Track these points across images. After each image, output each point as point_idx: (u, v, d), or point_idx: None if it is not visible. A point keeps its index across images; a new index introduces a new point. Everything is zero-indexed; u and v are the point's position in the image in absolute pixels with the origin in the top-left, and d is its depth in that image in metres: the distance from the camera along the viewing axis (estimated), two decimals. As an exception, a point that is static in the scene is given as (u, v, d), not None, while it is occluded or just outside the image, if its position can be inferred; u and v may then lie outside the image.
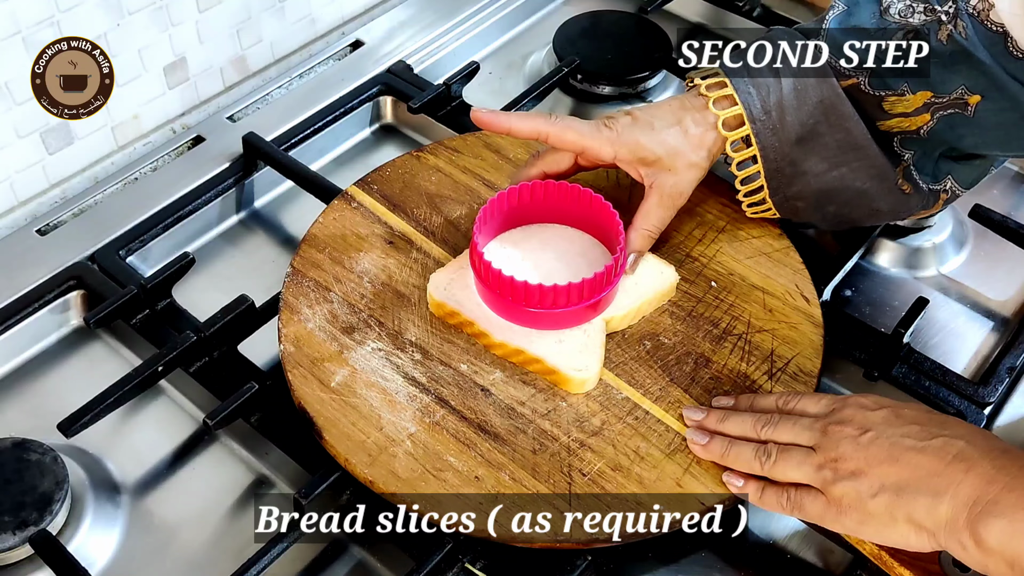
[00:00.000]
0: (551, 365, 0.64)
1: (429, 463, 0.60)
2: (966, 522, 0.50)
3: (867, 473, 0.54)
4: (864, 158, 0.67)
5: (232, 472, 0.68)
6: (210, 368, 0.71)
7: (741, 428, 0.61)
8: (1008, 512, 0.49)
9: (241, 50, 0.94)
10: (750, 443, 0.60)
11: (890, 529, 0.54)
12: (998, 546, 0.49)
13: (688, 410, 0.63)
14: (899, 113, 0.66)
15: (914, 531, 0.53)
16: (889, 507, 0.53)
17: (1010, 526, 0.49)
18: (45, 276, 0.76)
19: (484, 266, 0.65)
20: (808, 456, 0.57)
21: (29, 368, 0.74)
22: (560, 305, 0.65)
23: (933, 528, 0.52)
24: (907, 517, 0.53)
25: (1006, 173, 0.92)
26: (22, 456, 0.64)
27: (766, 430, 0.59)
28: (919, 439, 0.54)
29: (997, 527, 0.49)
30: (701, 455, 0.61)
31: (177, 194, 0.83)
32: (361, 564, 0.64)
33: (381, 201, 0.76)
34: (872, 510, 0.54)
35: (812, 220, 0.72)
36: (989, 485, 0.51)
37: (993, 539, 0.49)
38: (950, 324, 0.79)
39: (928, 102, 0.64)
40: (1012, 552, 0.49)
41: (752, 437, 0.60)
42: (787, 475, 0.57)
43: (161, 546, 0.65)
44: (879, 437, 0.55)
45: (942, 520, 0.51)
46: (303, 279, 0.70)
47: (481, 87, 0.96)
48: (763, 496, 0.59)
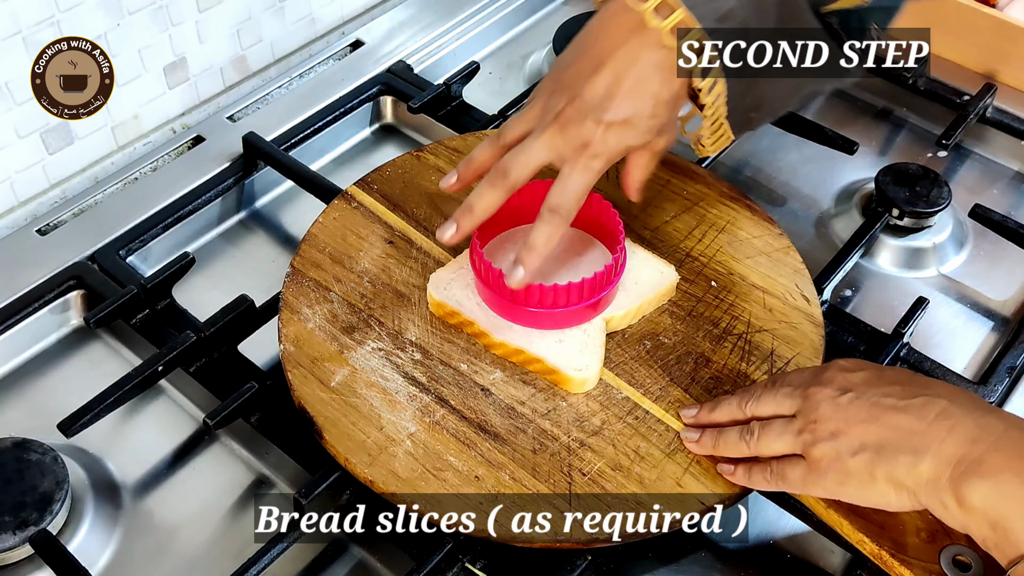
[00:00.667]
0: (551, 365, 0.64)
1: (429, 463, 0.60)
2: (949, 481, 0.50)
3: (846, 433, 0.53)
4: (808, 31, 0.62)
5: (232, 472, 0.68)
6: (210, 368, 0.71)
7: (728, 411, 0.60)
8: (993, 473, 0.49)
9: (241, 50, 0.94)
10: (736, 427, 0.59)
11: (869, 488, 0.53)
12: (982, 507, 0.49)
13: (683, 410, 0.63)
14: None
15: (894, 490, 0.52)
16: (869, 466, 0.52)
17: (995, 488, 0.48)
18: (45, 276, 0.77)
19: (484, 266, 0.65)
20: (789, 424, 0.56)
21: (29, 368, 0.74)
22: (560, 305, 0.64)
23: (914, 487, 0.51)
24: (887, 476, 0.52)
25: (1006, 173, 0.92)
26: (22, 456, 0.64)
27: (750, 405, 0.59)
28: (900, 398, 0.53)
29: (982, 488, 0.49)
30: (696, 451, 0.61)
31: (177, 194, 0.83)
32: (361, 564, 0.64)
33: (381, 201, 0.76)
34: (851, 469, 0.53)
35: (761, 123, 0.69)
36: (973, 444, 0.50)
37: (977, 500, 0.49)
38: (950, 324, 0.79)
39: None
40: (996, 514, 0.48)
41: (739, 418, 0.60)
42: (771, 448, 0.57)
43: (161, 546, 0.65)
44: (858, 398, 0.54)
45: (923, 478, 0.51)
46: (303, 279, 0.70)
47: (481, 87, 0.96)
48: (751, 476, 0.58)
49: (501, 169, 0.62)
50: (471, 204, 0.63)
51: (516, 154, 0.62)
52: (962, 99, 0.92)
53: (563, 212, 0.61)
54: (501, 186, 0.62)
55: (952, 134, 0.88)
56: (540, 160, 0.62)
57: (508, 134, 0.64)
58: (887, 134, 0.95)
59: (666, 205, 0.76)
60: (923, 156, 0.93)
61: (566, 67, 0.62)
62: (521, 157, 0.61)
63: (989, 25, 0.94)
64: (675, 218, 0.75)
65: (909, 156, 0.92)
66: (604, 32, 0.61)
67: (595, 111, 0.60)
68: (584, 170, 0.61)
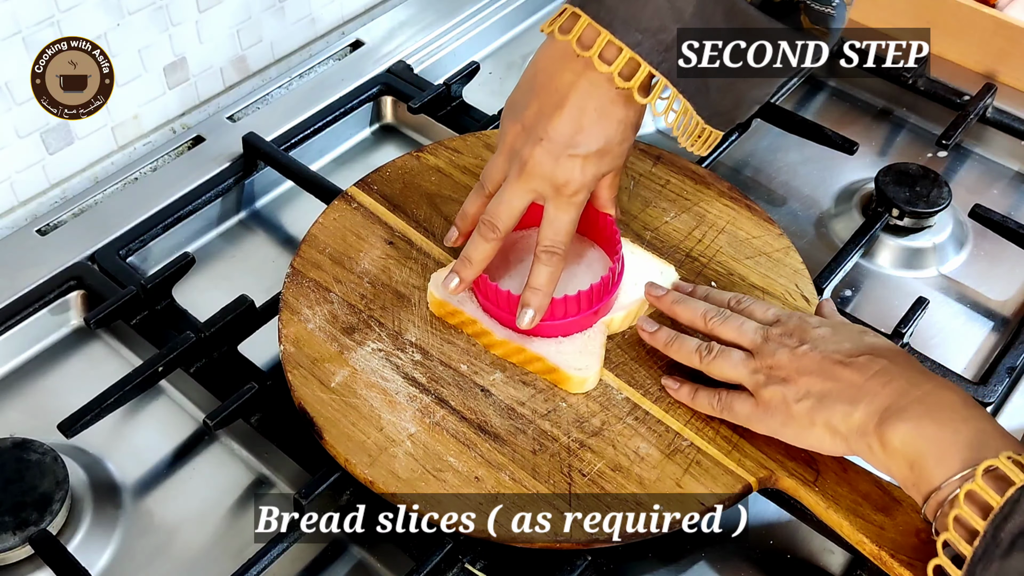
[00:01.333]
0: (551, 364, 0.64)
1: (429, 463, 0.60)
2: (875, 426, 0.54)
3: (796, 381, 0.58)
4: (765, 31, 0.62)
5: (232, 472, 0.69)
6: (210, 368, 0.71)
7: (692, 314, 0.64)
8: (914, 419, 0.53)
9: (241, 50, 0.94)
10: (694, 337, 0.63)
11: (808, 432, 0.58)
12: (901, 447, 0.53)
13: (651, 287, 0.66)
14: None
15: (829, 435, 0.57)
16: (810, 412, 0.57)
17: (915, 429, 0.53)
18: (45, 276, 0.77)
19: (482, 280, 0.65)
20: (747, 359, 0.60)
21: (29, 368, 0.74)
22: (558, 317, 0.65)
23: (846, 433, 0.56)
24: (825, 422, 0.57)
25: (1006, 173, 0.92)
26: (22, 456, 0.64)
27: (714, 322, 0.63)
28: (847, 355, 0.58)
29: (902, 429, 0.53)
30: (647, 341, 0.65)
31: (177, 194, 0.83)
32: (361, 564, 0.64)
33: (381, 201, 0.76)
34: (795, 413, 0.58)
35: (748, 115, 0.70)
36: (901, 397, 0.55)
37: (897, 440, 0.53)
38: (950, 324, 0.79)
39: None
40: (913, 452, 0.53)
41: (699, 326, 0.63)
42: (723, 372, 0.61)
43: (161, 546, 0.65)
44: (812, 350, 0.59)
45: (855, 425, 0.55)
46: (303, 279, 0.70)
47: (481, 87, 0.96)
48: (695, 398, 0.62)
49: (488, 222, 0.64)
50: (469, 256, 0.65)
51: (497, 204, 0.64)
52: (962, 99, 0.92)
53: (558, 250, 0.64)
54: (492, 237, 0.65)
55: (952, 134, 0.88)
56: (521, 206, 0.64)
57: (489, 183, 0.66)
58: (887, 134, 0.95)
59: (666, 205, 0.76)
60: (923, 156, 0.93)
61: (524, 107, 0.63)
62: (503, 207, 0.64)
63: (989, 25, 0.94)
64: (675, 218, 0.75)
65: (909, 156, 0.92)
66: (557, 71, 0.62)
67: (567, 148, 0.62)
68: (568, 207, 0.63)
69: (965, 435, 0.52)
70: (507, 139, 0.64)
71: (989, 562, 0.47)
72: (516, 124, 0.63)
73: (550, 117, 0.62)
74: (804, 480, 0.60)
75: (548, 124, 0.62)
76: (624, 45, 0.59)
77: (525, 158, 0.62)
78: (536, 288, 0.64)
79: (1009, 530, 0.47)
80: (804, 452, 0.61)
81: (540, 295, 0.64)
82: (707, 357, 0.61)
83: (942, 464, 0.52)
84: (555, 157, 0.62)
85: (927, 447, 0.53)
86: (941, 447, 0.52)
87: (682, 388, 0.63)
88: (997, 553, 0.47)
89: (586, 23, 0.60)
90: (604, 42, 0.59)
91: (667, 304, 0.66)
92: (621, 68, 0.59)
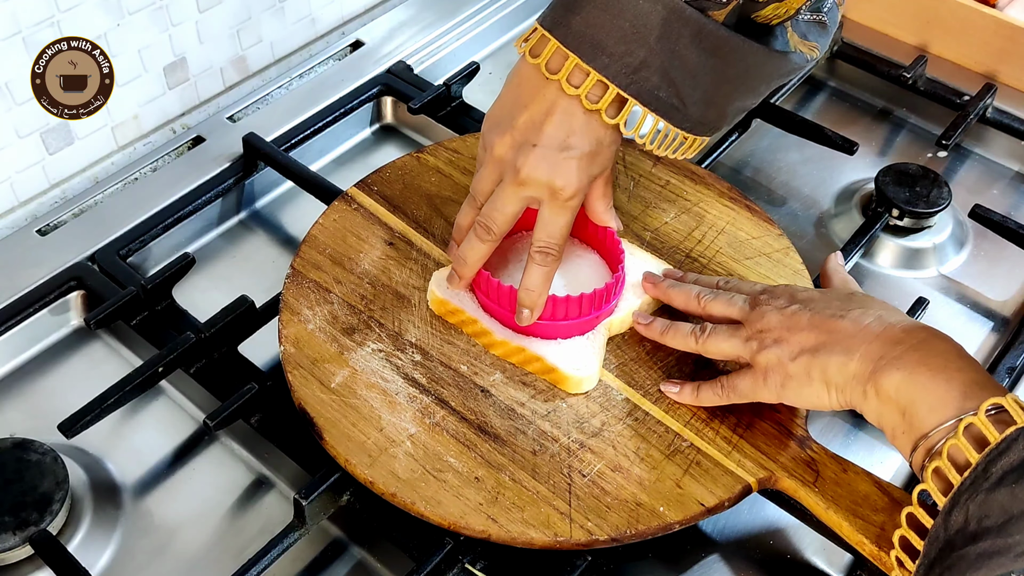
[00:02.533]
0: (551, 364, 0.64)
1: (429, 464, 0.60)
2: (870, 374, 0.55)
3: (788, 340, 0.59)
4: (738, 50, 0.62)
5: (232, 472, 0.69)
6: (210, 369, 0.71)
7: (685, 297, 0.66)
8: (908, 367, 0.54)
9: (241, 50, 0.94)
10: (686, 323, 0.64)
11: (807, 388, 0.58)
12: (895, 394, 0.54)
13: (647, 275, 0.68)
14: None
15: (826, 389, 0.57)
16: (807, 367, 0.58)
17: (908, 377, 0.54)
18: (45, 276, 0.77)
19: (483, 278, 0.65)
20: (738, 330, 0.61)
21: (29, 368, 0.74)
22: (559, 318, 0.65)
23: (843, 383, 0.57)
24: (821, 375, 0.57)
25: (1006, 173, 0.92)
26: (22, 456, 0.64)
27: (706, 299, 0.64)
28: (838, 311, 0.59)
29: (896, 377, 0.54)
30: (643, 333, 0.67)
31: (177, 194, 0.83)
32: (361, 564, 0.64)
33: (381, 202, 0.76)
34: (792, 371, 0.58)
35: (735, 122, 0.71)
36: (896, 345, 0.55)
37: (892, 388, 0.54)
38: (950, 324, 0.79)
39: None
40: (906, 400, 0.53)
41: (693, 308, 0.65)
42: (719, 348, 0.62)
43: (161, 546, 0.65)
44: (802, 309, 0.60)
45: (851, 374, 0.56)
46: (303, 280, 0.70)
47: (481, 87, 0.96)
48: (700, 394, 0.63)
49: (483, 224, 0.65)
50: (464, 256, 0.66)
51: (491, 208, 0.65)
52: (962, 99, 0.92)
53: (552, 251, 0.64)
54: (486, 238, 0.65)
55: (952, 134, 0.88)
56: (516, 209, 0.65)
57: (480, 195, 0.66)
58: (887, 134, 0.95)
59: (666, 206, 0.76)
60: (923, 156, 0.93)
61: (512, 119, 0.64)
62: (497, 210, 0.65)
63: (989, 25, 0.94)
64: (675, 219, 0.76)
65: (909, 156, 0.92)
66: (541, 84, 0.62)
67: (561, 151, 0.62)
68: (563, 210, 0.64)
69: (959, 384, 0.52)
70: (495, 151, 0.64)
71: (975, 493, 0.48)
72: (505, 136, 0.64)
73: (541, 124, 0.62)
74: (804, 481, 0.60)
75: (540, 131, 0.62)
76: (591, 69, 0.60)
77: (519, 165, 0.63)
78: (530, 289, 0.64)
79: (1001, 465, 0.48)
80: (804, 453, 0.61)
81: (534, 295, 0.64)
82: (702, 337, 0.63)
83: (934, 411, 0.52)
84: (551, 162, 0.62)
85: (920, 395, 0.53)
86: (935, 395, 0.53)
87: (683, 389, 0.64)
88: (985, 486, 0.48)
89: (554, 47, 0.60)
90: (572, 66, 0.60)
91: (663, 290, 0.67)
92: (588, 92, 0.60)
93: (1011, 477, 0.47)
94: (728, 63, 0.61)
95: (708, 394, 0.63)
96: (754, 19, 0.62)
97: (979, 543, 0.46)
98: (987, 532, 0.46)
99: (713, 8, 0.59)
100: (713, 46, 0.60)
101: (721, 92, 0.63)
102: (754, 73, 0.64)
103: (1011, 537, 0.45)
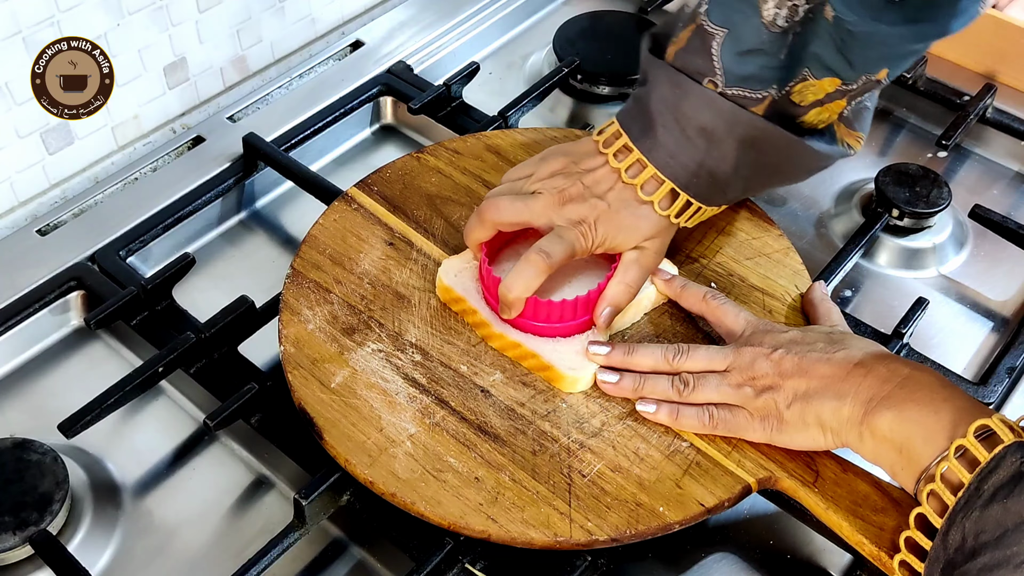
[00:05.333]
0: (546, 362, 0.64)
1: (429, 464, 0.60)
2: (863, 416, 0.57)
3: (781, 386, 0.60)
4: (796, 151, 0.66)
5: (232, 472, 0.69)
6: (210, 369, 0.71)
7: (652, 359, 0.64)
8: (897, 404, 0.55)
9: (241, 50, 0.94)
10: (663, 375, 0.63)
11: (803, 433, 0.59)
12: (889, 433, 0.55)
13: (593, 346, 0.65)
14: (813, 103, 0.64)
15: (822, 432, 0.59)
16: (801, 413, 0.59)
17: (899, 415, 0.55)
18: (45, 276, 0.77)
19: (486, 272, 0.65)
20: (724, 377, 0.62)
21: (29, 368, 0.74)
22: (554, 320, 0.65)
23: (838, 427, 0.58)
24: (816, 420, 0.58)
25: (1006, 173, 0.92)
26: (22, 456, 0.64)
27: (679, 359, 0.63)
28: (824, 352, 0.60)
29: (888, 416, 0.55)
30: (612, 393, 0.64)
31: (177, 194, 0.83)
32: (361, 564, 0.64)
33: (381, 203, 0.76)
34: (787, 418, 0.59)
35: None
36: (883, 384, 0.57)
37: (885, 427, 0.55)
38: (950, 324, 0.79)
39: (840, 89, 0.63)
40: (900, 437, 0.55)
41: (662, 368, 0.63)
42: (708, 398, 0.62)
43: (161, 546, 0.65)
44: (788, 353, 0.60)
45: (845, 418, 0.57)
46: (303, 280, 0.70)
47: (481, 87, 0.96)
48: (680, 418, 0.62)
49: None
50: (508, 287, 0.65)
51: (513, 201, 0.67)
52: (962, 99, 0.92)
53: (548, 261, 0.64)
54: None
55: (952, 134, 0.88)
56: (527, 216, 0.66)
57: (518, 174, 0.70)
58: (887, 134, 0.95)
59: (666, 206, 0.76)
60: (923, 156, 0.93)
61: (577, 159, 0.68)
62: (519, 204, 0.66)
63: (989, 25, 0.94)
64: (675, 219, 0.75)
65: (909, 156, 0.92)
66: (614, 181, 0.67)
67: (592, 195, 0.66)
68: (578, 236, 0.66)
69: (947, 413, 0.54)
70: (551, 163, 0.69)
71: (970, 511, 0.49)
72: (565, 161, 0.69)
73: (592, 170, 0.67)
74: (804, 481, 0.60)
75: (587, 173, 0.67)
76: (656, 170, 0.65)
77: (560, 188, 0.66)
78: (510, 286, 0.64)
79: (993, 482, 0.49)
80: (803, 453, 0.61)
81: (511, 296, 0.64)
82: (686, 390, 0.62)
83: (929, 444, 0.54)
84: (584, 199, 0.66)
85: (913, 430, 0.54)
86: (926, 427, 0.54)
87: (660, 410, 0.62)
88: (979, 503, 0.49)
89: (636, 158, 0.66)
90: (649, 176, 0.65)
91: (619, 358, 0.64)
92: (641, 183, 0.66)
93: (1003, 492, 0.48)
94: (767, 155, 0.66)
95: (690, 421, 0.62)
96: (800, 124, 0.65)
97: (978, 558, 0.47)
98: (985, 547, 0.47)
99: (752, 104, 0.63)
100: (757, 152, 0.65)
101: (759, 180, 0.69)
102: (796, 163, 0.67)
103: (1009, 549, 0.46)
